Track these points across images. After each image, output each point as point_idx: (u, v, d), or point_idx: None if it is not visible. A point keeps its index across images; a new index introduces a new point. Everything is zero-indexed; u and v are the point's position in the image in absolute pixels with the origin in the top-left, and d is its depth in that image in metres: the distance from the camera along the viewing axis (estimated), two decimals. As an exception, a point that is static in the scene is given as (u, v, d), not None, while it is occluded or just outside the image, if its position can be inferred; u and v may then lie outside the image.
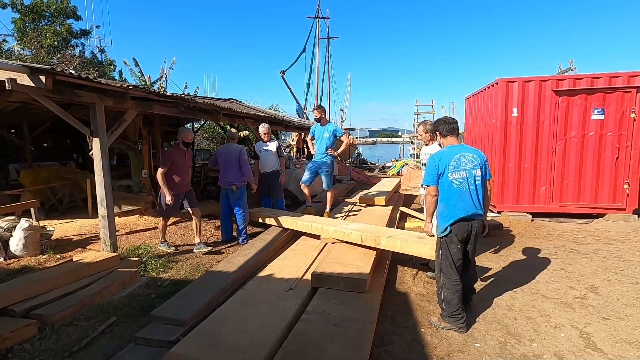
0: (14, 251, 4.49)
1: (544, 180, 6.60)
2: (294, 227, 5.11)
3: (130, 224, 6.17)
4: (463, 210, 2.91)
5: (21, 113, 7.18)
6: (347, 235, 4.28)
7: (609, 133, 6.27)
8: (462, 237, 2.95)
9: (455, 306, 2.94)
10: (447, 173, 2.93)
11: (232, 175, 5.17)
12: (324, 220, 5.05)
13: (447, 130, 3.10)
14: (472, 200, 2.93)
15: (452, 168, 2.93)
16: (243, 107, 10.20)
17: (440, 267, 3.04)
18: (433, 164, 2.99)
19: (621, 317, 3.15)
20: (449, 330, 2.95)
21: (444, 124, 3.13)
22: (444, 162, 2.96)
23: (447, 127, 3.10)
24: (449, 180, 2.94)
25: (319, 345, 2.49)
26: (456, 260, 2.98)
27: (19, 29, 15.19)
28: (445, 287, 2.99)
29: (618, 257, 4.63)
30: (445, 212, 2.96)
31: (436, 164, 2.97)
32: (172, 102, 5.38)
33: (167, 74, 18.96)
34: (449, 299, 2.96)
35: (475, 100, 8.16)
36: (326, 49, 28.20)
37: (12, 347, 2.67)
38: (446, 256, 2.99)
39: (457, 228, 2.92)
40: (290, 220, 5.16)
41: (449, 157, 2.97)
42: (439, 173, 2.96)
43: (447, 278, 2.99)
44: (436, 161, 2.98)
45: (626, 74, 6.14)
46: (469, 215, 2.92)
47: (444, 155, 3.00)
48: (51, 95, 3.75)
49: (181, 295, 3.24)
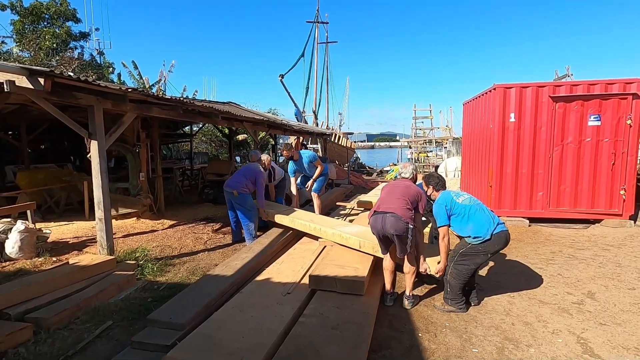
0: (10, 254, 4.46)
1: (541, 185, 6.62)
2: (291, 225, 5.10)
3: (128, 227, 6.14)
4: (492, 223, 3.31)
5: (19, 115, 7.16)
6: (346, 239, 4.27)
7: (605, 139, 6.30)
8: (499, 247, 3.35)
9: (456, 291, 3.36)
10: (455, 203, 3.34)
11: (234, 182, 5.25)
12: (322, 221, 5.01)
13: (440, 185, 3.58)
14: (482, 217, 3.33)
15: (455, 196, 3.39)
16: (242, 110, 10.23)
17: (459, 269, 3.34)
18: (441, 204, 3.36)
19: (618, 323, 3.16)
20: (447, 335, 2.96)
21: (438, 180, 3.60)
22: (448, 199, 3.37)
23: (441, 183, 3.59)
24: (461, 205, 3.33)
25: (316, 348, 2.48)
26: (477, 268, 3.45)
27: (18, 31, 15.17)
28: (453, 277, 3.35)
29: (615, 263, 4.65)
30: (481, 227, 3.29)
31: (443, 205, 3.35)
32: (171, 105, 5.38)
33: (166, 77, 18.97)
34: (454, 285, 3.35)
35: (473, 105, 8.21)
36: (325, 54, 28.34)
37: (7, 350, 2.65)
38: (473, 262, 3.34)
39: (496, 238, 3.28)
40: (288, 219, 5.15)
41: (449, 194, 3.44)
42: (447, 209, 3.32)
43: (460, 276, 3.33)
44: (442, 203, 3.37)
45: (622, 81, 6.19)
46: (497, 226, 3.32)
47: (444, 195, 3.44)
48: (49, 97, 3.74)
49: (178, 299, 3.22)
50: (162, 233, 5.91)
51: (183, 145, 17.78)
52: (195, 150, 17.18)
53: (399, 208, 3.26)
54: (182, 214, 7.25)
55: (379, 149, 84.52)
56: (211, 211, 7.72)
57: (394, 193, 3.41)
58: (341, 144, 18.06)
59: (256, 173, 5.27)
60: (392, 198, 3.37)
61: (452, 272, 3.36)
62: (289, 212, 5.42)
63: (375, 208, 3.43)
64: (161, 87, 18.13)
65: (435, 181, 3.60)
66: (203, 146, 19.95)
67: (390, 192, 3.45)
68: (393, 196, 3.39)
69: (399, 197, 3.35)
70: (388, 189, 3.56)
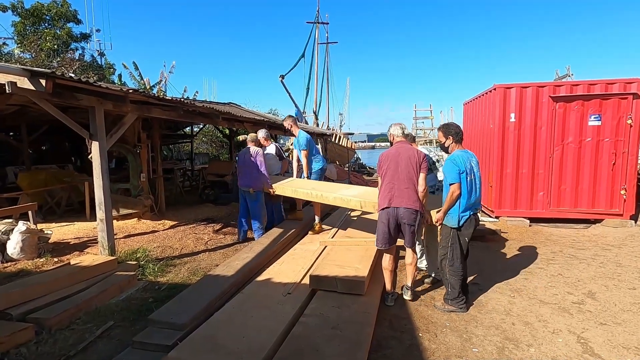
0: (11, 254, 4.47)
1: (541, 185, 6.62)
2: (294, 195, 5.14)
3: (129, 228, 6.15)
4: (474, 206, 3.37)
5: (19, 116, 7.17)
6: (347, 202, 4.32)
7: (605, 139, 6.31)
8: (472, 229, 3.39)
9: (457, 290, 3.35)
10: (467, 174, 3.31)
11: (249, 179, 5.27)
12: (324, 187, 4.98)
13: (460, 137, 3.49)
14: (477, 198, 3.40)
15: (468, 170, 3.32)
16: (242, 111, 10.25)
17: (450, 256, 3.37)
18: (454, 165, 3.30)
19: (618, 323, 3.16)
20: (447, 335, 2.96)
21: (458, 130, 3.51)
22: (462, 164, 3.31)
23: (460, 134, 3.50)
24: (465, 180, 3.30)
25: (316, 348, 2.49)
26: (464, 250, 3.40)
27: (19, 32, 15.20)
28: (451, 274, 3.37)
29: (615, 263, 4.65)
30: (459, 207, 3.31)
31: (457, 165, 3.30)
32: (172, 106, 5.39)
33: (166, 78, 18.96)
34: (453, 283, 3.36)
35: (473, 105, 8.21)
36: (325, 54, 28.34)
37: (9, 351, 2.66)
38: (456, 247, 3.36)
39: (470, 221, 3.35)
40: (291, 190, 5.13)
41: (465, 161, 3.33)
42: (461, 172, 3.28)
43: (452, 265, 3.36)
44: (457, 162, 3.30)
45: (622, 81, 6.19)
46: (476, 210, 3.42)
47: (462, 158, 3.34)
48: (51, 98, 3.75)
49: (179, 299, 3.23)
50: (163, 233, 5.92)
51: (184, 146, 17.79)
52: (195, 150, 17.19)
53: (410, 201, 3.25)
54: (182, 215, 7.26)
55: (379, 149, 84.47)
56: (212, 212, 7.74)
57: (401, 178, 3.29)
58: (342, 144, 18.05)
59: (256, 155, 5.26)
60: (401, 187, 3.28)
61: (449, 270, 3.38)
62: (291, 183, 5.38)
63: (386, 204, 3.31)
64: (162, 88, 18.14)
65: (454, 130, 3.46)
66: (204, 147, 19.97)
67: (395, 175, 3.31)
68: (402, 184, 3.28)
69: (407, 183, 3.27)
70: (392, 167, 3.35)
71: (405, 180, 3.29)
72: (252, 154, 5.31)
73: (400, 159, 3.34)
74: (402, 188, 3.28)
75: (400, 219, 3.29)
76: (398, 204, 3.27)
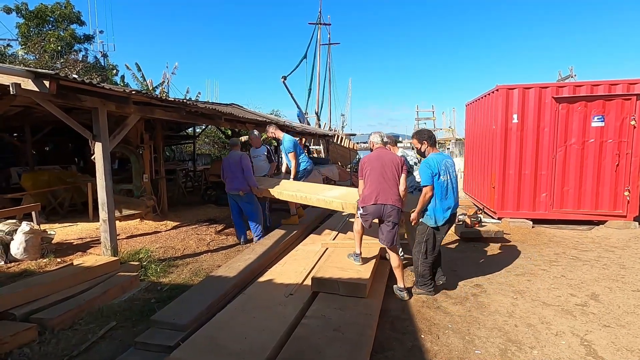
0: (15, 255, 4.49)
1: (544, 186, 6.60)
2: (280, 197, 5.25)
3: (131, 228, 6.17)
4: (452, 207, 3.58)
5: (23, 117, 7.22)
6: (329, 203, 4.52)
7: (609, 140, 6.28)
8: (448, 229, 3.70)
9: (427, 277, 3.68)
10: (441, 176, 3.53)
11: (238, 182, 5.30)
12: (308, 189, 5.12)
13: (433, 140, 3.77)
14: (455, 198, 3.63)
15: (442, 172, 3.53)
16: (244, 112, 10.27)
17: (422, 250, 3.63)
18: (428, 168, 3.53)
19: (622, 325, 3.14)
20: (449, 337, 2.95)
21: (430, 134, 3.81)
22: (436, 166, 3.52)
23: (433, 138, 3.81)
24: (442, 181, 3.53)
25: (318, 350, 2.49)
26: (437, 245, 3.66)
27: (23, 34, 15.30)
28: (423, 265, 3.64)
29: (619, 265, 4.62)
30: (440, 207, 3.54)
31: (431, 167, 3.52)
32: (174, 107, 5.41)
33: (169, 79, 19.04)
34: (423, 273, 3.66)
35: (476, 106, 8.20)
36: (327, 55, 28.33)
37: (12, 350, 2.67)
38: (430, 242, 3.62)
39: (448, 222, 3.59)
40: (276, 191, 5.27)
41: (439, 163, 3.54)
42: (434, 174, 3.51)
43: (425, 259, 3.63)
44: (431, 165, 3.53)
45: (626, 82, 6.16)
46: (455, 211, 3.65)
47: (435, 161, 3.55)
48: (54, 99, 3.77)
49: (181, 300, 3.24)
50: (165, 234, 5.93)
51: (186, 147, 17.83)
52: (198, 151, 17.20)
53: (396, 200, 3.54)
54: (185, 215, 7.28)
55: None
56: (214, 212, 7.75)
57: (387, 178, 3.56)
58: (343, 145, 18.04)
59: (240, 160, 5.33)
60: (387, 186, 3.55)
61: (421, 262, 3.63)
62: (278, 184, 5.50)
63: (373, 201, 3.54)
64: (164, 89, 18.22)
65: (427, 135, 3.77)
66: (206, 148, 20.00)
67: (382, 176, 3.56)
68: (387, 183, 3.55)
69: (392, 183, 3.56)
70: (380, 168, 3.58)
71: (390, 180, 3.56)
72: (237, 158, 5.36)
73: (383, 162, 3.62)
74: (387, 187, 3.55)
75: (386, 217, 3.54)
76: (384, 201, 3.52)
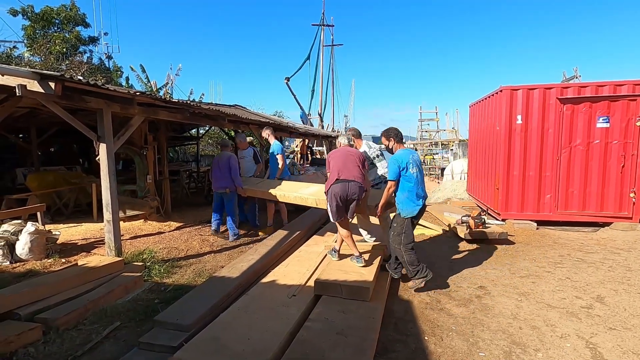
0: (20, 255, 4.53)
1: (548, 188, 6.56)
2: (262, 196, 5.56)
3: (135, 229, 6.20)
4: (423, 197, 3.79)
5: (29, 118, 7.28)
6: (305, 200, 4.81)
7: (614, 141, 6.23)
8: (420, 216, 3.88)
9: (417, 264, 3.71)
10: (409, 169, 3.69)
11: (225, 181, 5.63)
12: (287, 187, 5.40)
13: (399, 138, 3.98)
14: (423, 189, 3.84)
15: (411, 165, 3.70)
16: (248, 113, 10.28)
17: (403, 242, 3.73)
18: (395, 163, 3.72)
19: (628, 328, 3.11)
20: (453, 339, 2.93)
21: (397, 132, 4.00)
22: (404, 161, 3.70)
23: (400, 135, 4.00)
24: (411, 174, 3.70)
25: (321, 353, 2.48)
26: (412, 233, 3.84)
27: (29, 36, 15.45)
28: (407, 254, 3.71)
29: (625, 267, 4.58)
30: (413, 198, 3.72)
31: (398, 162, 3.71)
32: (178, 108, 5.43)
33: (173, 80, 19.14)
34: (411, 260, 3.71)
35: (480, 107, 8.17)
36: (330, 56, 28.34)
37: (17, 350, 2.69)
38: (408, 233, 3.75)
39: (421, 211, 3.80)
40: (260, 192, 5.54)
41: (407, 157, 3.73)
42: (401, 169, 3.69)
43: (407, 248, 3.71)
44: (399, 160, 3.72)
45: (631, 82, 6.12)
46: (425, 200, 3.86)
47: (402, 156, 3.74)
48: (60, 101, 3.81)
49: (184, 301, 3.25)
50: (169, 235, 5.96)
51: (190, 148, 17.92)
52: (201, 152, 17.27)
53: (358, 176, 3.83)
54: (188, 216, 7.31)
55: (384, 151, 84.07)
56: (217, 213, 7.75)
57: (350, 161, 3.89)
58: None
59: (229, 160, 5.64)
60: (350, 166, 3.85)
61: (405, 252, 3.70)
62: (260, 184, 5.80)
63: (336, 177, 3.82)
64: (168, 90, 18.31)
65: (394, 133, 3.97)
66: (209, 148, 20.08)
67: (347, 161, 3.89)
68: (350, 164, 3.87)
69: (355, 165, 3.87)
70: (342, 157, 3.94)
71: (352, 163, 3.88)
72: (226, 159, 5.66)
73: (346, 154, 3.99)
74: (350, 167, 3.84)
75: (351, 194, 3.79)
76: (347, 176, 3.79)
